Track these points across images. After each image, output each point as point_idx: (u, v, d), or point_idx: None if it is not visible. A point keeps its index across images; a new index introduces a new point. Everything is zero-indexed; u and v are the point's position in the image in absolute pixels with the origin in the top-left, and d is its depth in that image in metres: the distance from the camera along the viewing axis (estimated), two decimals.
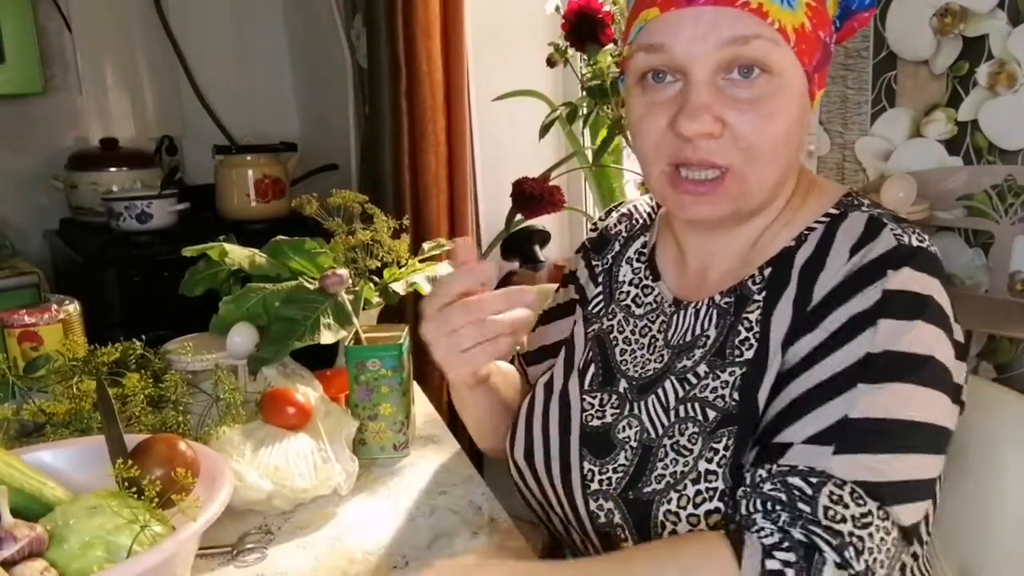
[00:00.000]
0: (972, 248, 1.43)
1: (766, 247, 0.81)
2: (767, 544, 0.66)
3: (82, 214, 2.44)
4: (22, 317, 1.22)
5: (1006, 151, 1.37)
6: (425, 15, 1.88)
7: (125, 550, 0.71)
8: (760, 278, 0.79)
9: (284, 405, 1.03)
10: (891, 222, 0.75)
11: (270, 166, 2.44)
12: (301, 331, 1.08)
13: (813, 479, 0.67)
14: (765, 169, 0.75)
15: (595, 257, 0.99)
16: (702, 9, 0.71)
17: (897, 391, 0.69)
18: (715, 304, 0.82)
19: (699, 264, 0.86)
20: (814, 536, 0.65)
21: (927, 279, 0.72)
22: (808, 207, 0.81)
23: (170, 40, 2.67)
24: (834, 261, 0.75)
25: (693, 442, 0.76)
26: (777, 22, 0.71)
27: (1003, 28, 1.34)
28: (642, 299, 0.90)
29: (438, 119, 1.93)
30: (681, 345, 0.83)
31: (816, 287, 0.75)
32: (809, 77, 0.74)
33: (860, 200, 0.81)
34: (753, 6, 0.70)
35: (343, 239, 1.23)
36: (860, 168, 1.55)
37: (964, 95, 1.40)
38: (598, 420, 0.86)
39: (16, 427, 1.03)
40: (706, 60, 0.72)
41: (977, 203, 1.40)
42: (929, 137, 1.46)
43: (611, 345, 0.90)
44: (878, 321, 0.70)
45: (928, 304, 0.71)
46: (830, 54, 0.77)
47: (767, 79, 0.72)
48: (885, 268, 0.72)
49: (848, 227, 0.76)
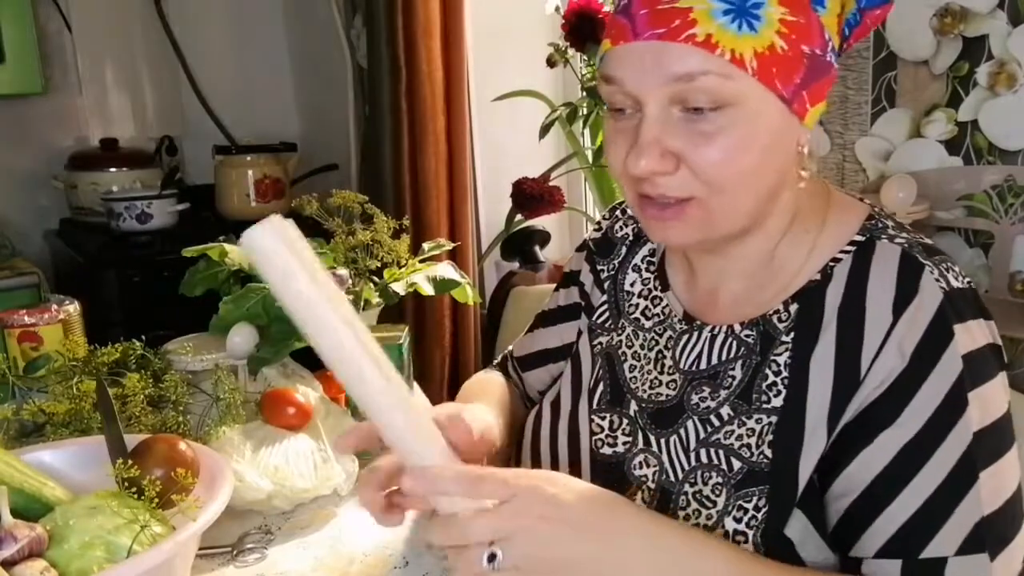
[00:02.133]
0: (972, 248, 1.43)
1: (781, 270, 0.77)
2: None
3: (82, 214, 2.44)
4: (22, 317, 1.22)
5: (1006, 151, 1.37)
6: (425, 15, 1.88)
7: (125, 550, 0.71)
8: (786, 315, 0.75)
9: (284, 405, 1.03)
10: (923, 257, 0.71)
11: (270, 166, 2.44)
12: (301, 331, 1.08)
13: None
14: (733, 200, 0.71)
15: (600, 262, 0.93)
16: (647, 44, 0.68)
17: (1001, 467, 0.68)
18: (734, 335, 0.77)
19: (709, 282, 0.82)
20: None
21: (982, 326, 0.70)
22: (829, 231, 0.76)
23: (170, 40, 2.66)
24: (874, 315, 0.70)
25: (717, 493, 0.73)
26: (729, 52, 0.65)
27: (1003, 28, 1.34)
28: (651, 311, 0.86)
29: (438, 119, 1.93)
30: (695, 373, 0.79)
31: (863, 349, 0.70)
32: (788, 99, 0.68)
33: (884, 222, 0.76)
34: (700, 39, 0.65)
35: (343, 239, 1.23)
36: (860, 168, 1.55)
37: (964, 95, 1.40)
38: (609, 448, 0.82)
39: (16, 427, 1.03)
40: (655, 95, 0.68)
41: (977, 203, 1.40)
42: (929, 137, 1.46)
43: (620, 361, 0.86)
44: (968, 395, 0.67)
45: (990, 357, 0.70)
46: (826, 66, 0.70)
47: (725, 111, 0.67)
48: (949, 326, 0.68)
49: (880, 269, 0.72)
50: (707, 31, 0.65)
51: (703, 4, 0.66)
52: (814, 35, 0.68)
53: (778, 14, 0.67)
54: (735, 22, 0.66)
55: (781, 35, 0.67)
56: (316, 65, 2.70)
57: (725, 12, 0.66)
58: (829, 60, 0.70)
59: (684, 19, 0.66)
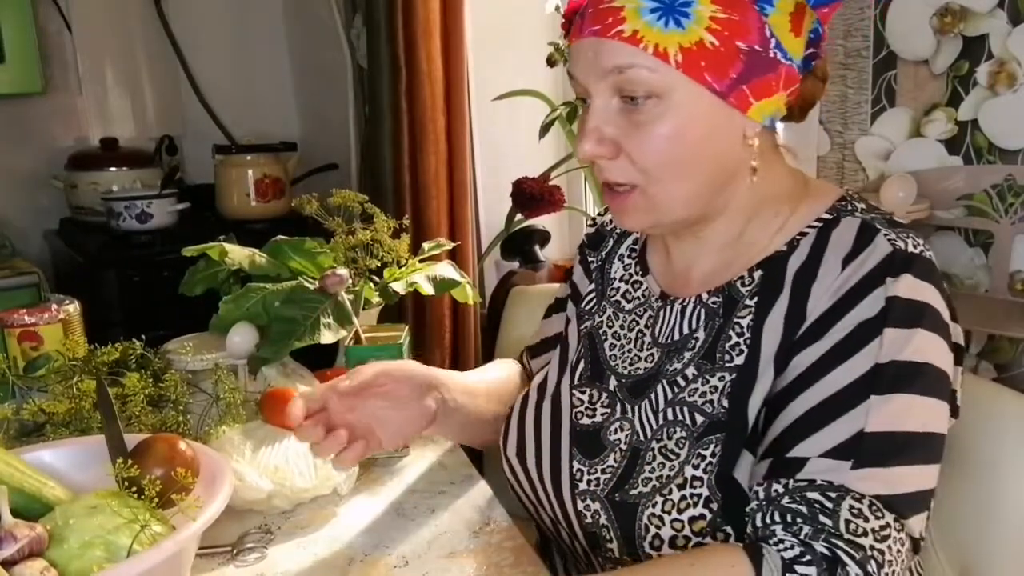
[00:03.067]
0: (972, 248, 1.43)
1: (749, 247, 0.82)
2: (787, 557, 0.66)
3: (82, 214, 2.44)
4: (22, 317, 1.22)
5: (1006, 151, 1.37)
6: (425, 15, 1.88)
7: (125, 550, 0.71)
8: (750, 280, 0.80)
9: (284, 405, 1.03)
10: (885, 227, 0.75)
11: (270, 166, 2.44)
12: (301, 331, 1.09)
13: (832, 493, 0.68)
14: (669, 188, 0.77)
15: (591, 253, 1.00)
16: (588, 41, 0.75)
17: (905, 402, 0.70)
18: (702, 303, 0.82)
19: (683, 264, 0.87)
20: (837, 550, 0.66)
21: (924, 286, 0.73)
22: (800, 213, 0.81)
23: (170, 40, 2.66)
24: (826, 271, 0.75)
25: (680, 446, 0.77)
26: (653, 46, 0.71)
27: (1003, 28, 1.34)
28: (632, 294, 0.91)
29: (438, 119, 1.93)
30: (670, 344, 0.84)
31: (810, 300, 0.75)
32: (722, 92, 0.73)
33: (855, 204, 0.80)
34: (627, 35, 0.72)
35: (343, 239, 1.23)
36: (860, 168, 1.55)
37: (964, 95, 1.40)
38: (588, 419, 0.87)
39: (16, 427, 1.03)
40: (598, 87, 0.76)
41: (977, 203, 1.40)
42: (929, 137, 1.46)
43: (601, 341, 0.91)
44: (883, 331, 0.71)
45: (925, 311, 0.72)
46: (770, 62, 0.73)
47: (655, 102, 0.73)
48: (884, 275, 0.72)
49: (840, 234, 0.76)
50: (634, 27, 0.72)
51: (633, 3, 0.72)
52: (751, 32, 0.73)
53: (708, 12, 0.72)
54: (662, 19, 0.72)
55: (711, 31, 0.72)
56: (316, 65, 2.70)
57: (653, 10, 0.72)
58: (773, 57, 0.74)
59: (616, 17, 0.73)
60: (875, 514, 0.67)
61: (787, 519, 0.69)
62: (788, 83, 0.76)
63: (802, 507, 0.68)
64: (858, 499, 0.67)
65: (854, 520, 0.67)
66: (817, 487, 0.68)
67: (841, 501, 0.67)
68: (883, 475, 0.68)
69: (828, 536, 0.67)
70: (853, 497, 0.67)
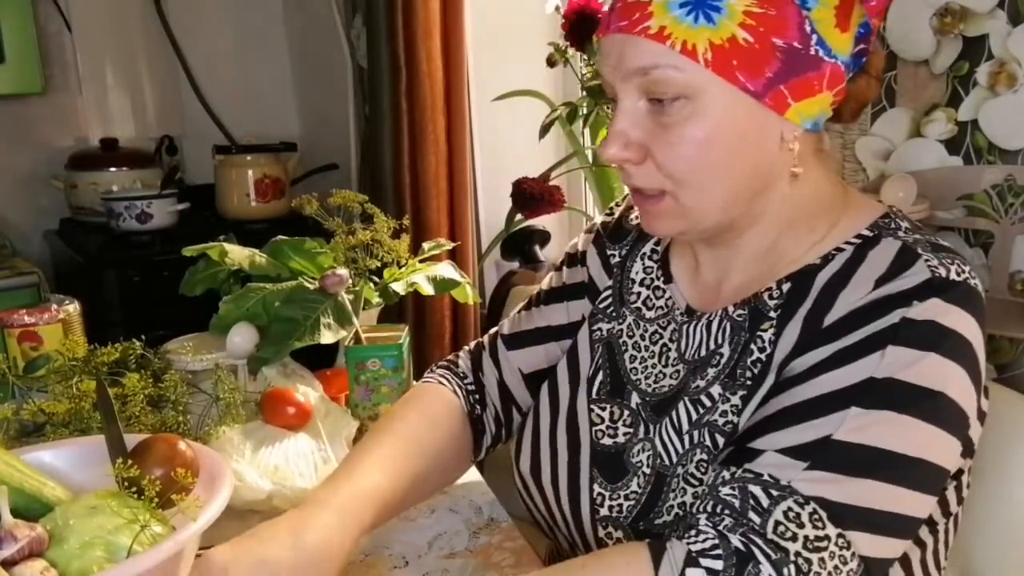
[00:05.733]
0: (972, 248, 1.43)
1: (780, 263, 0.76)
2: (695, 549, 0.62)
3: (82, 214, 2.44)
4: (22, 317, 1.22)
5: (1006, 151, 1.37)
6: (425, 15, 1.88)
7: (125, 550, 0.71)
8: (778, 292, 0.74)
9: (284, 405, 1.03)
10: (928, 251, 0.69)
11: (270, 166, 2.44)
12: (301, 331, 1.09)
13: (774, 491, 0.63)
14: (701, 194, 0.72)
15: (611, 246, 0.92)
16: (615, 37, 0.71)
17: (893, 421, 0.64)
18: (728, 316, 0.77)
19: (713, 276, 0.82)
20: (753, 546, 0.61)
21: (959, 313, 0.66)
22: (840, 227, 0.75)
23: (170, 40, 2.66)
24: (856, 286, 0.70)
25: (702, 471, 0.73)
26: (681, 44, 0.66)
27: (1003, 28, 1.34)
28: (653, 302, 0.86)
29: (438, 119, 1.93)
30: (696, 361, 0.79)
31: (832, 311, 0.70)
32: (757, 92, 0.68)
33: (899, 223, 0.75)
34: (653, 31, 0.67)
35: (343, 239, 1.23)
36: (860, 168, 1.55)
37: (964, 95, 1.40)
38: (610, 439, 0.82)
39: (16, 427, 1.03)
40: (625, 88, 0.71)
41: (977, 203, 1.40)
42: (929, 137, 1.46)
43: (620, 351, 0.85)
44: (888, 346, 0.65)
45: (950, 337, 0.66)
46: (811, 60, 0.68)
47: (683, 103, 0.68)
48: (911, 298, 0.66)
49: (878, 253, 0.71)
50: (661, 23, 0.67)
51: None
52: (788, 28, 0.67)
53: (742, 6, 0.66)
54: (691, 14, 0.67)
55: (745, 27, 0.66)
56: (316, 65, 2.70)
57: (682, 5, 0.67)
58: (815, 54, 0.68)
59: (643, 12, 0.68)
60: (814, 523, 0.62)
61: (715, 509, 0.65)
62: (833, 82, 0.70)
63: (736, 499, 0.64)
64: (800, 503, 0.62)
65: (786, 523, 0.62)
66: (761, 481, 0.64)
67: (780, 501, 0.63)
68: (837, 481, 0.63)
69: (748, 531, 0.62)
70: (796, 500, 0.62)
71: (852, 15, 0.70)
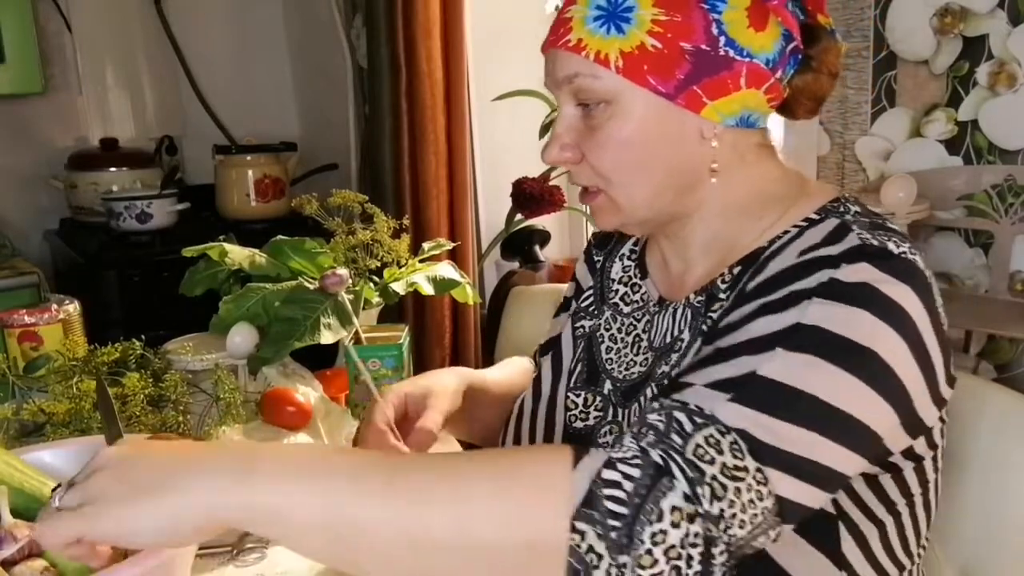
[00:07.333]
0: (972, 248, 1.43)
1: (733, 251, 0.79)
2: (615, 456, 0.61)
3: (82, 214, 2.44)
4: (22, 317, 1.22)
5: (1006, 151, 1.37)
6: (425, 15, 1.88)
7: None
8: (729, 276, 0.78)
9: (284, 405, 1.03)
10: (865, 229, 0.70)
11: (270, 166, 2.44)
12: (301, 331, 1.09)
13: (698, 419, 0.63)
14: (627, 190, 0.78)
15: (597, 252, 0.99)
16: (548, 52, 0.79)
17: (817, 366, 0.64)
18: (690, 304, 0.81)
19: (678, 268, 0.86)
20: (672, 462, 0.60)
21: (896, 283, 0.66)
22: (789, 215, 0.78)
23: (170, 40, 2.66)
24: (786, 256, 0.72)
25: None
26: (594, 53, 0.74)
27: (1003, 28, 1.34)
28: (630, 297, 0.91)
29: (438, 119, 1.93)
30: (662, 348, 0.83)
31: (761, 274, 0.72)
32: (669, 94, 0.73)
33: (848, 206, 0.77)
34: (572, 43, 0.75)
35: (343, 239, 1.23)
36: (860, 168, 1.55)
37: (964, 95, 1.40)
38: (582, 423, 0.87)
39: (16, 427, 1.03)
40: (559, 96, 0.79)
41: (977, 203, 1.40)
42: (929, 137, 1.46)
43: (598, 343, 0.91)
44: (813, 298, 0.66)
45: (884, 301, 0.65)
46: (722, 60, 0.73)
47: (605, 107, 0.75)
48: (839, 261, 0.67)
49: (816, 231, 0.73)
50: (579, 36, 0.75)
51: (581, 13, 0.75)
52: (695, 31, 0.73)
53: (650, 15, 0.73)
54: (603, 26, 0.74)
55: (653, 34, 0.73)
56: (316, 65, 2.70)
57: (596, 18, 0.74)
58: (725, 55, 0.73)
59: (565, 27, 0.76)
60: (734, 452, 0.61)
61: (640, 430, 0.64)
62: (754, 81, 0.74)
63: (661, 423, 0.64)
64: (722, 432, 0.62)
65: (706, 447, 0.61)
66: (686, 410, 0.63)
67: (703, 428, 0.62)
68: (761, 419, 0.62)
69: (668, 448, 0.61)
70: (718, 428, 0.62)
71: (766, 14, 0.74)
